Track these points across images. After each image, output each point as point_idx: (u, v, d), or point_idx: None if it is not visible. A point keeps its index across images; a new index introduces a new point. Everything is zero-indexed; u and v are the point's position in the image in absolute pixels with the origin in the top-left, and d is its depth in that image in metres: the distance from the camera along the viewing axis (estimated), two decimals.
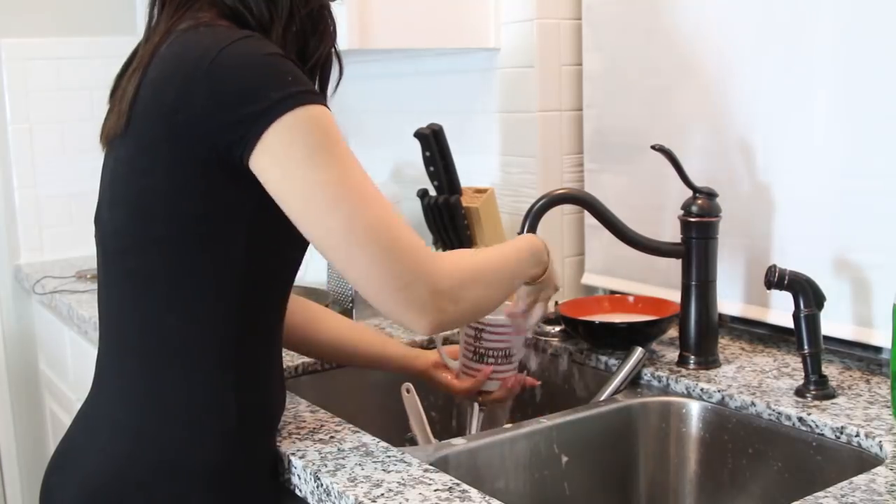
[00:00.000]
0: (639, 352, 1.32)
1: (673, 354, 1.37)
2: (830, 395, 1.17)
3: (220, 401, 0.99)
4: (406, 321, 0.94)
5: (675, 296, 1.38)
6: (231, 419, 0.99)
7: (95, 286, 2.06)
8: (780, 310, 1.37)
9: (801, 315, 1.18)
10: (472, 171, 1.80)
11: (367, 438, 1.08)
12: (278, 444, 1.08)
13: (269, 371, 1.06)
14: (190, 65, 0.91)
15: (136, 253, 0.98)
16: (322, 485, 0.98)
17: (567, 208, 1.73)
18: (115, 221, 1.01)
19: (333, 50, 1.07)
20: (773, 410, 1.15)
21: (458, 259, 1.01)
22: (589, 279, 1.73)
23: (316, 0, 1.02)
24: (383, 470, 0.99)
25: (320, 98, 0.93)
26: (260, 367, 1.04)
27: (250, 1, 0.98)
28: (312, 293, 1.64)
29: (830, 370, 1.27)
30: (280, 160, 0.89)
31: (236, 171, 0.92)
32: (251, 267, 0.98)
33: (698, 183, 1.33)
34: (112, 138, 1.00)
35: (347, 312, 1.67)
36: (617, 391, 1.30)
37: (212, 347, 0.99)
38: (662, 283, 1.53)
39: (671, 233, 1.34)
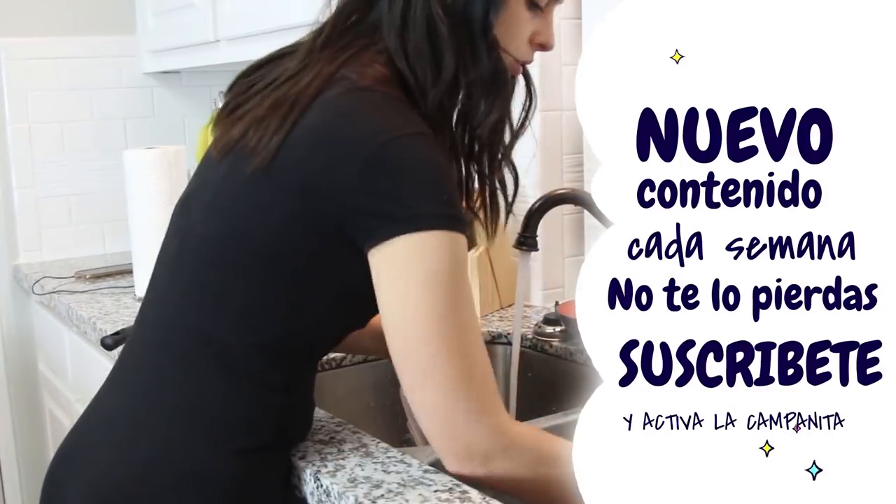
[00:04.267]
0: None
1: None
2: None
3: (261, 421, 0.97)
4: (441, 455, 0.94)
5: None
6: (267, 438, 0.98)
7: (94, 287, 2.07)
8: None
9: None
10: None
11: (367, 439, 1.08)
12: None
13: (309, 394, 1.05)
14: (350, 143, 0.88)
15: (216, 268, 0.96)
16: (322, 485, 0.98)
17: (567, 208, 1.72)
18: (206, 230, 0.98)
19: (507, 121, 1.03)
20: None
21: (525, 432, 0.97)
22: None
23: (485, 66, 0.96)
24: (383, 471, 0.99)
25: (463, 226, 0.90)
26: (304, 392, 1.03)
27: (417, 67, 0.94)
28: None
29: None
30: (399, 270, 0.88)
31: (353, 247, 0.90)
32: (330, 315, 0.98)
33: None
34: (239, 155, 0.95)
35: None
36: None
37: (265, 371, 0.97)
38: None
39: None
